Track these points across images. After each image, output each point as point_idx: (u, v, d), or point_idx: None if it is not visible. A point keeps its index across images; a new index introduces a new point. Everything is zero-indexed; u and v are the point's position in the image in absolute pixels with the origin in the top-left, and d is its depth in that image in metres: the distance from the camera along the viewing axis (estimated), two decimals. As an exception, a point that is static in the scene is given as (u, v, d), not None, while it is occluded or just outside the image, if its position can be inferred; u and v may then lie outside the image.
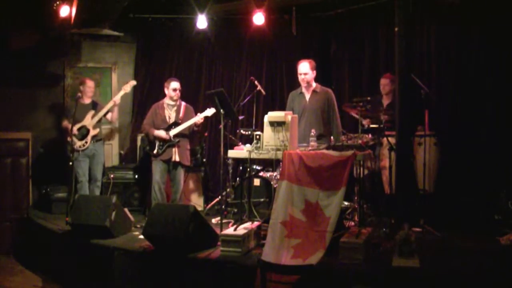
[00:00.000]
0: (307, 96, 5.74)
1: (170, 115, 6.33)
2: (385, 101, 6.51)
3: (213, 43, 8.04)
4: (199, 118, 6.21)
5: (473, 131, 6.13)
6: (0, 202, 7.14)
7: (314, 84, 5.77)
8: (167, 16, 7.98)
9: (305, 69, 5.67)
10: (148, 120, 6.37)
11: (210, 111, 6.22)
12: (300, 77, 5.72)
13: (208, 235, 4.88)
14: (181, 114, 6.32)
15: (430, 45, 6.55)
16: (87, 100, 6.67)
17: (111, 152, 8.04)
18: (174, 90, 6.29)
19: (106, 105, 6.62)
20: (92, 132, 6.49)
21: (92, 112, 6.57)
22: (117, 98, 6.60)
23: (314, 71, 5.72)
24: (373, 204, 6.02)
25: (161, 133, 6.17)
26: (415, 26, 6.43)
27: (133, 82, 6.82)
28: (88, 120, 6.50)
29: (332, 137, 5.60)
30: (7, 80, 7.36)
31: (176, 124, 6.23)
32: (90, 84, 6.70)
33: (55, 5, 6.77)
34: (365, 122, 6.20)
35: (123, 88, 6.70)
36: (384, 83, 6.44)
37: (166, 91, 6.36)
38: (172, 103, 6.35)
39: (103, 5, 7.08)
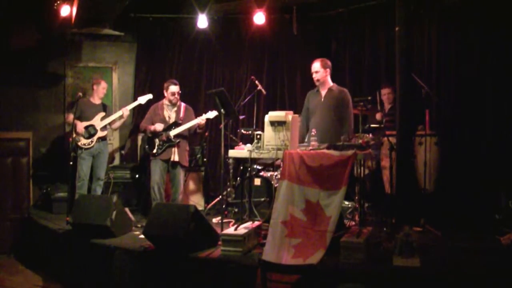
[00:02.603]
0: (323, 93, 5.73)
1: (170, 115, 6.32)
2: (387, 107, 6.50)
3: (214, 43, 8.04)
4: (200, 119, 6.21)
5: (474, 131, 6.13)
6: (0, 202, 7.14)
7: (331, 83, 5.74)
8: (168, 15, 7.98)
9: (316, 67, 5.68)
10: (147, 121, 6.35)
11: (212, 114, 6.20)
12: (313, 76, 5.72)
13: (208, 234, 4.89)
14: (181, 115, 6.31)
15: (430, 45, 6.55)
16: (97, 101, 6.68)
17: (112, 151, 8.05)
18: (173, 94, 6.27)
19: (115, 113, 6.62)
20: (100, 134, 6.50)
21: (102, 114, 6.58)
22: (125, 110, 6.57)
23: (327, 69, 5.69)
24: (373, 204, 6.02)
25: (157, 125, 6.16)
26: (415, 26, 6.43)
27: (150, 96, 6.77)
28: (97, 121, 6.52)
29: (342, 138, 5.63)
30: (8, 80, 7.37)
31: (176, 124, 6.22)
32: (104, 85, 6.71)
33: (55, 4, 6.79)
34: (377, 115, 6.21)
35: (138, 99, 6.73)
36: (388, 92, 6.43)
37: (165, 93, 6.35)
38: (171, 104, 6.34)
39: (103, 5, 7.08)
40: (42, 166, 7.58)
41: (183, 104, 6.41)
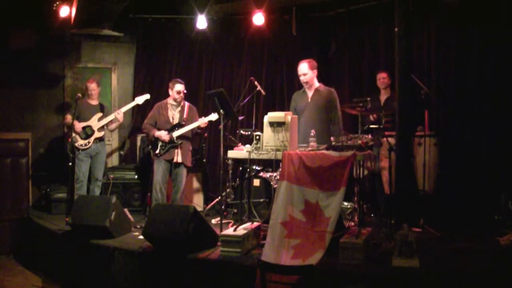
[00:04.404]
0: (310, 93, 5.73)
1: (174, 115, 6.31)
2: (383, 97, 6.51)
3: (213, 44, 8.04)
4: (202, 122, 6.19)
5: (473, 131, 6.13)
6: (0, 202, 7.14)
7: (317, 84, 5.75)
8: (167, 16, 7.98)
9: (304, 69, 5.66)
10: (150, 120, 6.34)
11: (214, 116, 6.16)
12: (300, 79, 5.70)
13: (208, 235, 4.88)
14: (185, 115, 6.29)
15: (430, 45, 6.55)
16: (94, 102, 6.67)
17: (111, 152, 8.05)
18: (178, 92, 6.26)
19: (111, 114, 6.60)
20: (97, 134, 6.49)
21: (99, 114, 6.57)
22: (117, 113, 6.54)
23: (315, 70, 5.70)
24: (373, 204, 6.02)
25: (162, 133, 6.16)
26: (415, 26, 6.43)
27: (147, 96, 6.76)
28: (95, 122, 6.51)
29: (332, 138, 5.62)
30: (7, 80, 7.38)
31: (179, 125, 6.21)
32: (91, 87, 6.64)
33: (55, 5, 6.79)
34: (372, 117, 6.23)
35: (136, 99, 6.72)
36: (383, 76, 6.47)
37: (170, 92, 6.33)
38: (176, 103, 6.34)
39: (103, 6, 7.09)
40: (41, 166, 7.58)
41: (187, 104, 6.40)
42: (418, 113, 5.75)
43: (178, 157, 6.20)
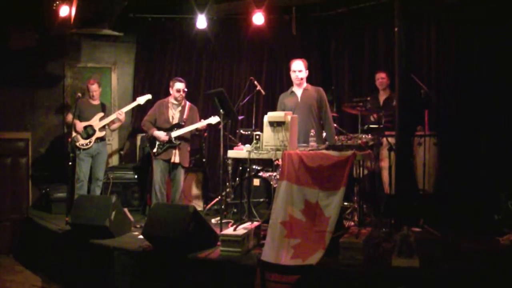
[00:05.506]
0: (299, 93, 5.73)
1: (174, 115, 6.29)
2: (382, 97, 6.51)
3: (213, 43, 8.04)
4: (202, 125, 6.18)
5: (473, 131, 6.13)
6: (0, 202, 7.13)
7: (305, 84, 5.76)
8: (167, 16, 7.98)
9: (300, 66, 5.66)
10: (150, 117, 6.33)
11: (214, 119, 6.14)
12: (294, 74, 5.67)
13: (207, 235, 4.88)
14: (185, 116, 6.28)
15: (430, 45, 6.55)
16: (95, 101, 6.67)
17: (111, 152, 8.05)
18: (178, 91, 6.24)
19: (113, 114, 6.60)
20: (98, 134, 6.48)
21: (101, 114, 6.56)
22: (119, 113, 6.54)
23: (307, 71, 5.72)
24: (373, 204, 6.02)
25: (161, 134, 6.15)
26: (415, 26, 6.43)
27: (149, 96, 6.74)
28: (96, 121, 6.51)
29: (324, 134, 5.63)
30: (7, 80, 7.36)
31: (179, 126, 6.20)
32: (92, 88, 6.62)
33: (55, 5, 6.78)
34: (372, 117, 6.23)
35: (137, 99, 6.71)
36: (382, 76, 6.47)
37: (170, 90, 6.33)
38: (177, 102, 6.33)
39: (103, 5, 7.09)
40: (41, 166, 7.58)
41: (188, 104, 6.38)
42: (418, 113, 5.75)
43: (175, 158, 6.18)
